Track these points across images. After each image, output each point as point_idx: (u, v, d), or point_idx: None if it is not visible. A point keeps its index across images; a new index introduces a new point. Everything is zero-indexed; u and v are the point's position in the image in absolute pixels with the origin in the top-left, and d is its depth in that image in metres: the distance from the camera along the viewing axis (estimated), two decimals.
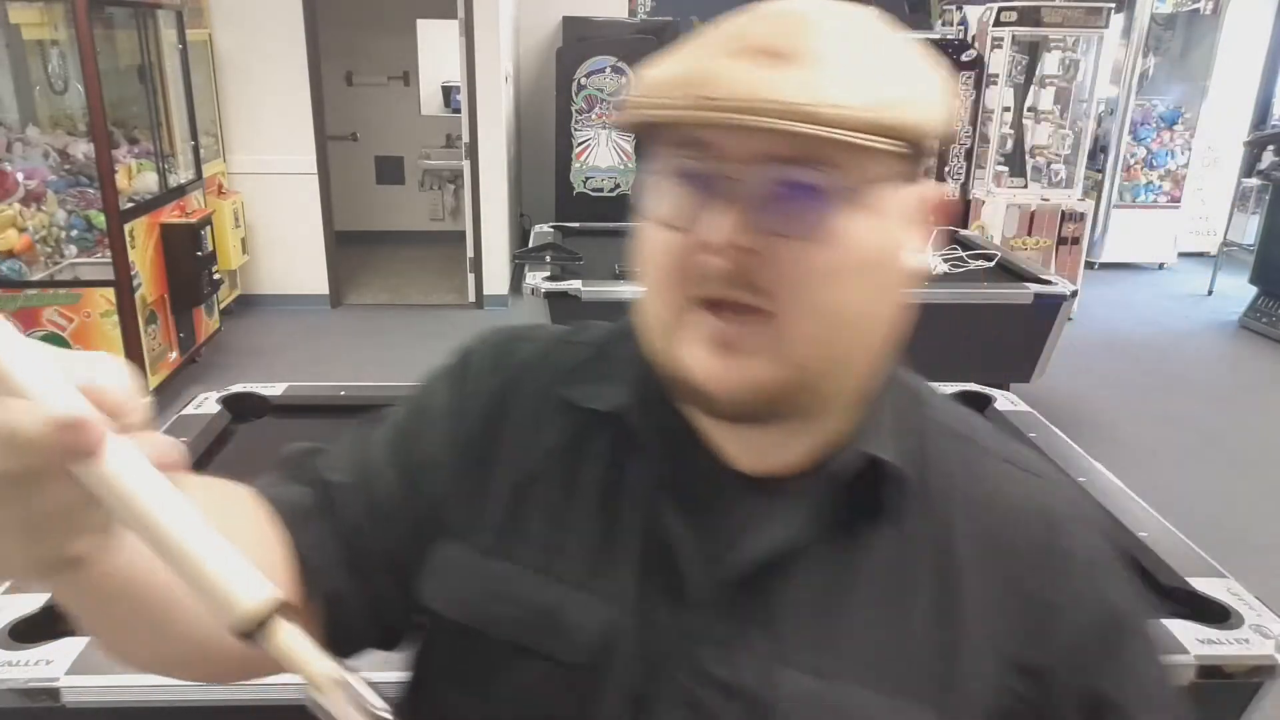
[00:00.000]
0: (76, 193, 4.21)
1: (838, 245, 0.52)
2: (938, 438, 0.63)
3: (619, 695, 0.59)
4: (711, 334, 0.54)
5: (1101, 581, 0.64)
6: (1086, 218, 5.80)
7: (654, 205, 0.55)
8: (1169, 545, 1.60)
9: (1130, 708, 0.61)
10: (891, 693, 0.57)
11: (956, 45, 5.51)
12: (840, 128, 0.49)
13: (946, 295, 3.67)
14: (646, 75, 0.55)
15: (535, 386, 0.65)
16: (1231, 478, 3.84)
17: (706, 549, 0.59)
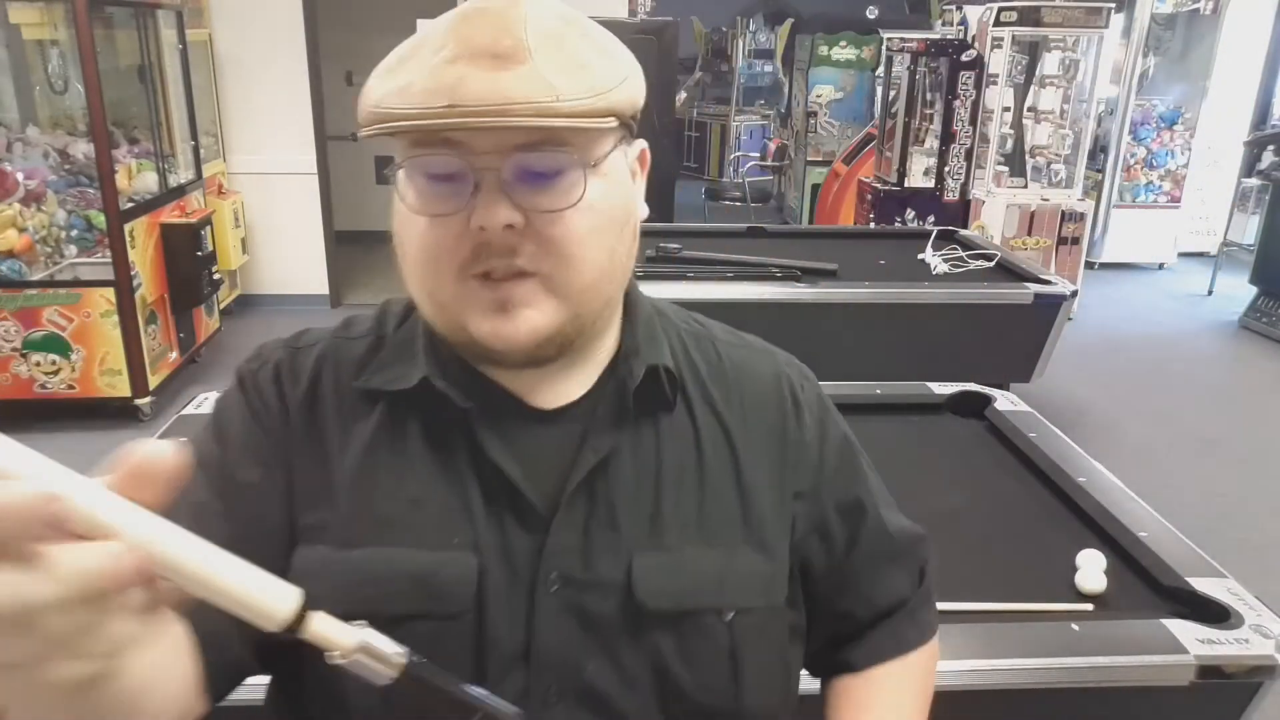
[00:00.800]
0: (76, 193, 4.21)
1: (585, 210, 0.63)
2: (683, 338, 0.77)
3: (506, 624, 0.66)
4: (491, 300, 0.64)
5: (828, 418, 0.81)
6: (1086, 218, 5.80)
7: (412, 199, 0.63)
8: (1169, 545, 1.60)
9: (871, 502, 0.81)
10: (715, 544, 0.71)
11: (956, 45, 5.51)
12: (573, 117, 0.59)
13: (946, 295, 3.67)
14: (384, 84, 0.61)
15: (333, 386, 0.71)
16: (1231, 478, 3.84)
17: (537, 473, 0.68)
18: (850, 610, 0.82)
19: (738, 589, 0.72)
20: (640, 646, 0.69)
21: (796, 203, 8.10)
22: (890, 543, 0.83)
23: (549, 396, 0.71)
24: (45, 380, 3.89)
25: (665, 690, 0.69)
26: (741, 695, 0.71)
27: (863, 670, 0.83)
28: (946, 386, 2.36)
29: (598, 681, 0.68)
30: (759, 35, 11.12)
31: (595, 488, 0.69)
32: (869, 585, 0.82)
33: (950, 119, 5.42)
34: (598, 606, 0.68)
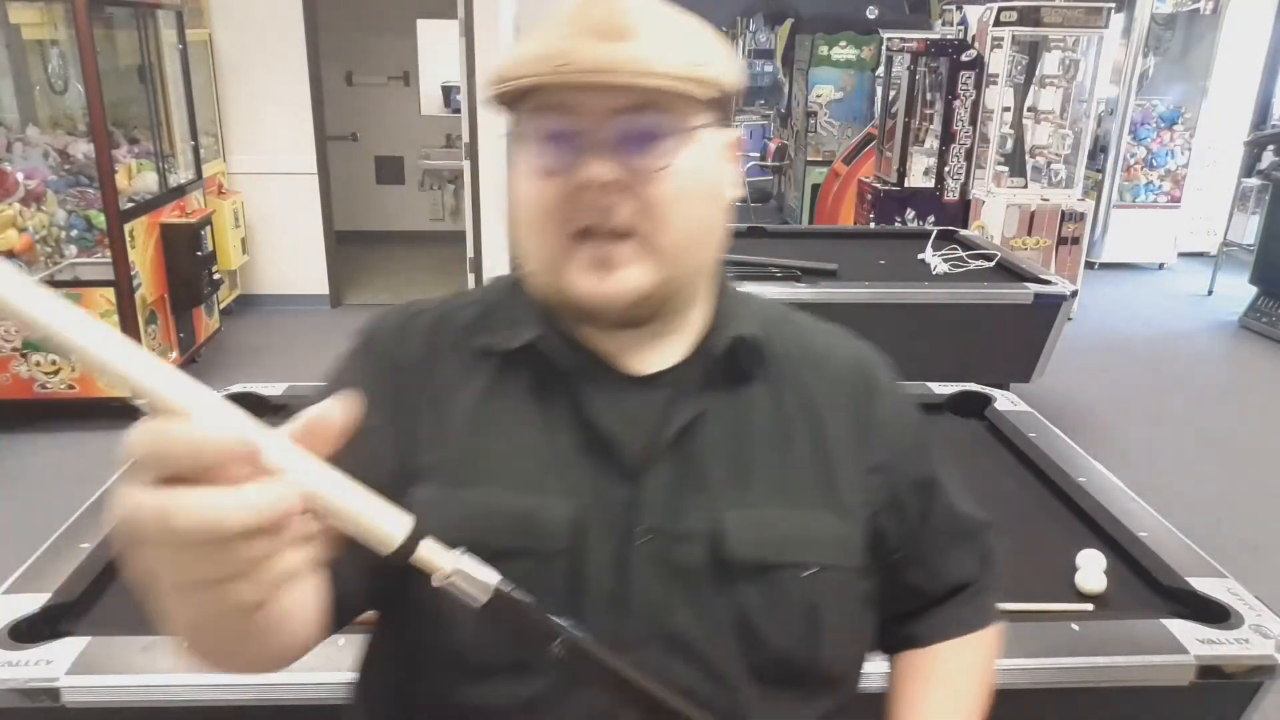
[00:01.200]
0: (76, 193, 4.21)
1: (680, 173, 0.69)
2: (768, 321, 0.82)
3: (599, 569, 0.72)
4: (592, 257, 0.70)
5: (904, 401, 0.87)
6: (1086, 218, 5.79)
7: (528, 161, 0.70)
8: (1169, 545, 1.60)
9: (942, 484, 0.87)
10: (797, 506, 0.76)
11: (956, 45, 5.51)
12: (669, 79, 0.66)
13: (946, 295, 3.67)
14: (509, 57, 0.69)
15: (450, 345, 0.78)
16: (1231, 478, 3.84)
17: (632, 433, 0.74)
18: (919, 584, 0.87)
19: (818, 548, 0.76)
20: (725, 597, 0.73)
21: (796, 203, 8.10)
22: (959, 523, 0.89)
23: (642, 363, 0.77)
24: (45, 380, 3.89)
25: (748, 639, 0.73)
26: (819, 648, 0.76)
27: (927, 645, 0.88)
28: (946, 386, 2.36)
29: (684, 628, 0.72)
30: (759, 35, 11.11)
31: (684, 448, 0.75)
32: (937, 561, 0.87)
33: (950, 119, 5.42)
34: (686, 558, 0.73)
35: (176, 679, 1.21)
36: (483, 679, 0.72)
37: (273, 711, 1.24)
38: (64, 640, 1.26)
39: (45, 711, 1.21)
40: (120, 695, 1.20)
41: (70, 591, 1.38)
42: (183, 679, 1.22)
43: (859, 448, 0.80)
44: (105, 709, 1.22)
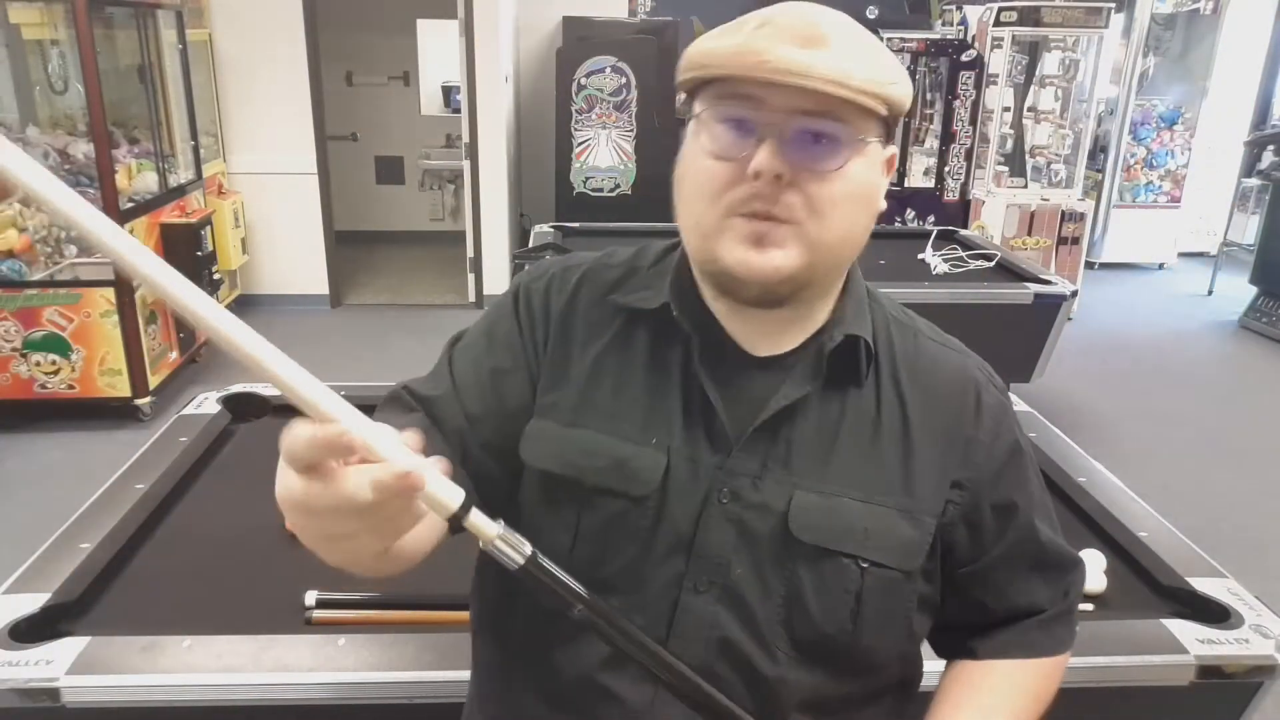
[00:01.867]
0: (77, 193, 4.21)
1: (845, 179, 0.75)
2: (889, 324, 0.88)
3: (680, 518, 0.80)
4: (750, 233, 0.75)
5: (1005, 424, 0.88)
6: (1086, 218, 5.80)
7: (703, 142, 0.76)
8: (1169, 545, 1.60)
9: (1026, 507, 0.88)
10: (870, 501, 0.81)
11: (956, 45, 5.51)
12: (859, 93, 0.71)
13: (946, 295, 3.67)
14: (703, 45, 0.75)
15: (589, 300, 0.87)
16: (1231, 478, 3.84)
17: (734, 405, 0.81)
18: (983, 602, 0.89)
19: (878, 546, 0.81)
20: (783, 567, 0.80)
21: None
22: (1038, 551, 0.90)
23: (761, 346, 0.83)
24: (45, 380, 3.89)
25: (794, 609, 0.80)
26: (857, 635, 0.81)
27: (983, 660, 0.91)
28: None
29: (741, 585, 0.80)
30: None
31: (779, 429, 0.81)
32: (1006, 583, 0.89)
33: (950, 119, 5.42)
34: (756, 525, 0.80)
35: (176, 679, 1.22)
36: None
37: (273, 711, 1.24)
38: (64, 640, 1.26)
39: (45, 711, 1.21)
40: (120, 695, 1.20)
41: (70, 591, 1.38)
42: (183, 679, 1.22)
43: (945, 461, 0.84)
44: (105, 709, 1.22)
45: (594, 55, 6.13)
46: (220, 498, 1.75)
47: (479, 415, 0.84)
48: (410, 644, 1.26)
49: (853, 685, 0.84)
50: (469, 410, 0.84)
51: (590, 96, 6.20)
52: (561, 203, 6.30)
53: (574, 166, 6.39)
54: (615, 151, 6.35)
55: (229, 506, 1.70)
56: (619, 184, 6.41)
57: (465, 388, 0.85)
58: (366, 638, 1.27)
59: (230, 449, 1.97)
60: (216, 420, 2.03)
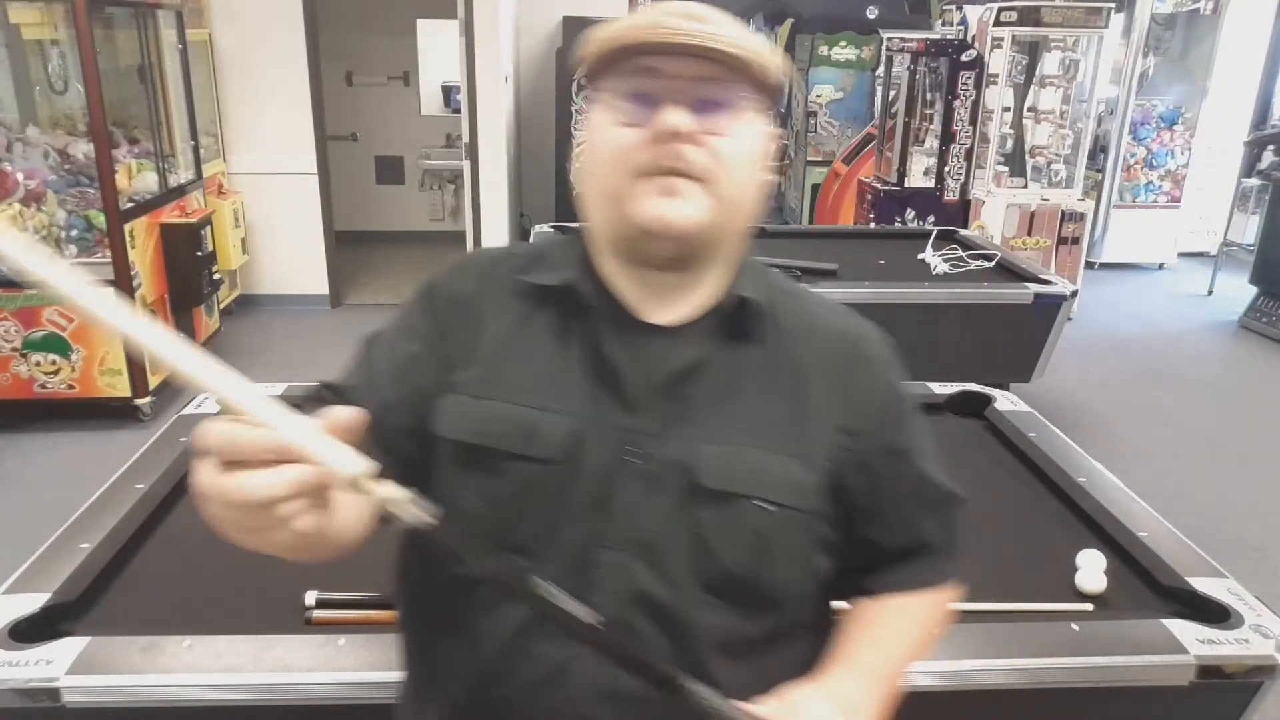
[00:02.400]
0: (76, 193, 4.21)
1: (741, 140, 0.83)
2: (778, 292, 0.94)
3: (590, 478, 0.85)
4: (662, 187, 0.82)
5: (891, 374, 0.96)
6: (1086, 218, 5.79)
7: (611, 114, 0.83)
8: (1169, 545, 1.60)
9: (914, 453, 0.96)
10: (768, 449, 0.88)
11: (956, 45, 5.51)
12: (747, 51, 0.81)
13: (946, 295, 3.67)
14: (599, 33, 0.83)
15: (496, 283, 0.93)
16: (1231, 478, 3.84)
17: (637, 370, 0.87)
18: (876, 540, 0.96)
19: (777, 487, 0.87)
20: (690, 515, 0.86)
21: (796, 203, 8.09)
22: (924, 489, 0.97)
23: (662, 313, 0.90)
24: (45, 380, 3.89)
25: (703, 554, 0.86)
26: (761, 571, 0.87)
27: (877, 596, 0.97)
28: (946, 386, 2.36)
29: (652, 536, 0.85)
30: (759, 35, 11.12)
31: (679, 388, 0.87)
32: (896, 521, 0.96)
33: (950, 119, 5.42)
34: (664, 478, 0.85)
35: (176, 679, 1.22)
36: None
37: (273, 711, 1.24)
38: (64, 640, 1.26)
39: (45, 711, 1.21)
40: (120, 695, 1.20)
41: (70, 591, 1.38)
42: (183, 679, 1.22)
43: (835, 409, 0.91)
44: (105, 709, 1.22)
45: None
46: None
47: (394, 402, 0.89)
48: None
49: (764, 624, 0.90)
50: (384, 398, 0.88)
51: None
52: (561, 203, 6.30)
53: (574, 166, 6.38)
54: None
55: None
56: None
57: (380, 377, 0.91)
58: (366, 638, 1.27)
59: None
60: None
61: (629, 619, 0.85)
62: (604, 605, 0.81)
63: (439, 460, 0.89)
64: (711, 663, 0.86)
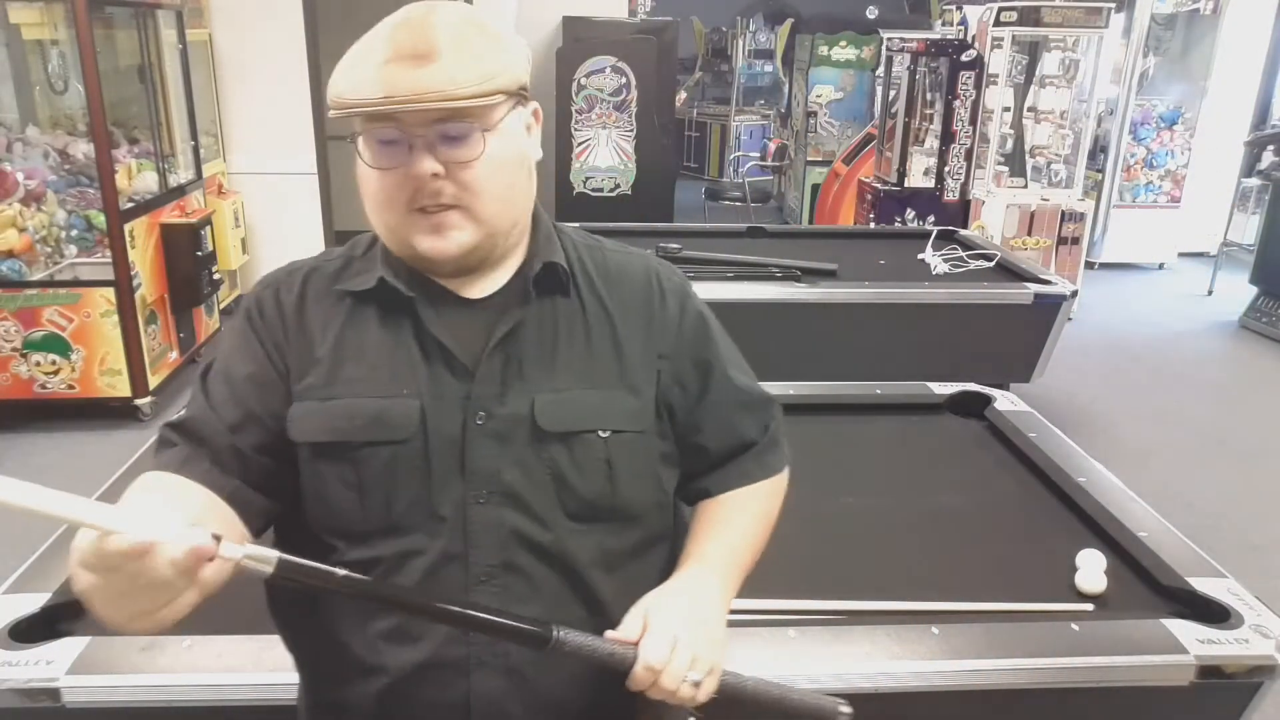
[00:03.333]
0: (76, 193, 4.21)
1: (488, 159, 0.90)
2: (578, 248, 1.04)
3: (445, 446, 0.93)
4: (429, 225, 0.91)
5: (687, 301, 1.07)
6: (1086, 218, 5.79)
7: (369, 158, 0.90)
8: (1169, 545, 1.60)
9: (717, 360, 1.07)
10: (596, 387, 0.98)
11: (956, 45, 5.51)
12: (469, 99, 0.86)
13: (946, 295, 3.67)
14: (342, 81, 0.89)
15: (316, 292, 0.99)
16: (1231, 477, 3.84)
17: (465, 343, 0.95)
18: (704, 445, 1.07)
19: (612, 417, 0.98)
20: (542, 458, 0.95)
21: (796, 203, 8.10)
22: (736, 394, 1.09)
23: (474, 289, 0.98)
24: (45, 380, 3.89)
25: (561, 488, 0.96)
26: (616, 493, 0.98)
27: (716, 495, 1.09)
28: (946, 386, 2.36)
29: (513, 484, 0.94)
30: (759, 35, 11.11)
31: (507, 349, 0.96)
32: (717, 425, 1.07)
33: (950, 119, 5.42)
34: (510, 431, 0.94)
35: (176, 679, 1.22)
36: (362, 541, 0.94)
37: (273, 711, 1.24)
38: (64, 640, 1.26)
39: (45, 711, 1.21)
40: (120, 695, 1.21)
41: (70, 591, 1.38)
42: (183, 679, 1.22)
43: (647, 340, 1.02)
44: (105, 709, 1.22)
45: (594, 55, 6.13)
46: None
47: (239, 422, 0.94)
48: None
49: (628, 538, 1.01)
50: (229, 421, 0.94)
51: (590, 96, 6.20)
52: (561, 203, 6.30)
53: (574, 166, 6.39)
54: (615, 151, 6.35)
55: None
56: (619, 184, 6.41)
57: (220, 403, 0.96)
58: None
59: None
60: None
61: (511, 559, 0.94)
62: (486, 554, 0.94)
63: (302, 462, 0.95)
64: (592, 580, 0.97)
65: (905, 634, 1.37)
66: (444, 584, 0.93)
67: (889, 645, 1.34)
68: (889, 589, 1.50)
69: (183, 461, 0.93)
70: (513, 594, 0.94)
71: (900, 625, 1.39)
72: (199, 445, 0.94)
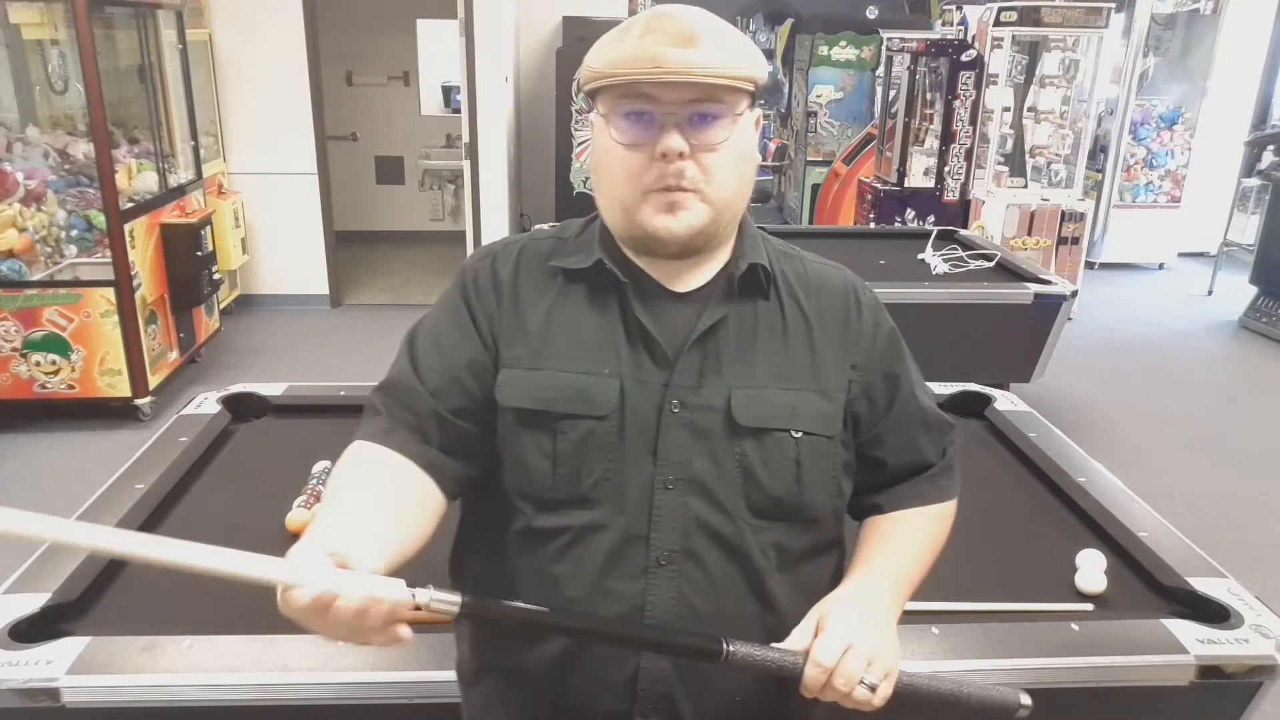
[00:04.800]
0: (76, 193, 4.21)
1: (729, 148, 0.95)
2: (778, 254, 1.08)
3: (640, 429, 0.98)
4: (665, 203, 0.95)
5: (881, 316, 1.10)
6: (1086, 218, 5.79)
7: (614, 135, 0.94)
8: (1169, 545, 1.60)
9: (907, 378, 1.10)
10: (791, 388, 1.02)
11: (956, 45, 5.50)
12: (729, 79, 0.92)
13: (946, 295, 3.67)
14: (601, 55, 0.94)
15: (530, 267, 1.05)
16: (1231, 478, 3.84)
17: (667, 332, 1.00)
18: (883, 460, 1.09)
19: (804, 418, 1.01)
20: (733, 451, 0.98)
21: (796, 203, 8.10)
22: (920, 414, 1.11)
23: (681, 283, 1.02)
24: (45, 380, 3.89)
25: (749, 483, 0.99)
26: (801, 492, 1.01)
27: (888, 513, 1.10)
28: (946, 386, 2.36)
29: (702, 474, 0.98)
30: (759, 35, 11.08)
31: (707, 344, 1.00)
32: (898, 442, 1.09)
33: (950, 119, 5.42)
34: (705, 423, 0.98)
35: (176, 679, 1.22)
36: (550, 509, 0.99)
37: (273, 711, 1.24)
38: (64, 640, 1.26)
39: (45, 711, 1.21)
40: (120, 695, 1.20)
41: (70, 591, 1.38)
42: (183, 679, 1.22)
43: (842, 348, 1.05)
44: (105, 709, 1.22)
45: None
46: (220, 498, 1.75)
47: (442, 387, 1.00)
48: (410, 644, 1.26)
49: (805, 540, 1.03)
50: (432, 386, 1.00)
51: None
52: (561, 202, 6.30)
53: (574, 166, 6.38)
54: None
55: (229, 506, 1.70)
56: None
57: (426, 368, 1.01)
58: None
59: (230, 449, 1.97)
60: (216, 420, 2.03)
61: (691, 545, 0.98)
62: (667, 538, 0.97)
63: (504, 426, 1.00)
64: (766, 577, 1.00)
65: (905, 634, 1.35)
66: (625, 562, 0.97)
67: None
68: None
69: (385, 432, 0.98)
70: (690, 581, 0.98)
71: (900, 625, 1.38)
72: (402, 410, 0.99)
